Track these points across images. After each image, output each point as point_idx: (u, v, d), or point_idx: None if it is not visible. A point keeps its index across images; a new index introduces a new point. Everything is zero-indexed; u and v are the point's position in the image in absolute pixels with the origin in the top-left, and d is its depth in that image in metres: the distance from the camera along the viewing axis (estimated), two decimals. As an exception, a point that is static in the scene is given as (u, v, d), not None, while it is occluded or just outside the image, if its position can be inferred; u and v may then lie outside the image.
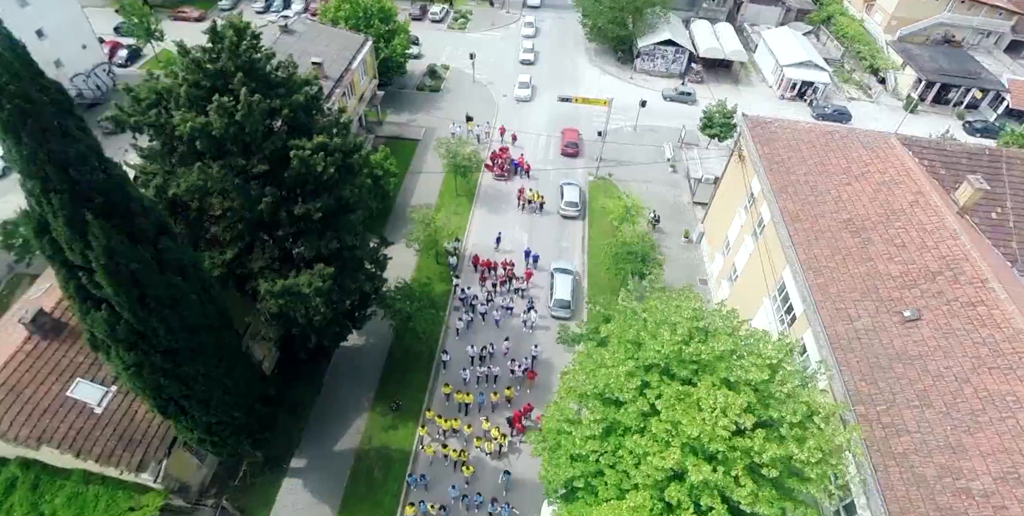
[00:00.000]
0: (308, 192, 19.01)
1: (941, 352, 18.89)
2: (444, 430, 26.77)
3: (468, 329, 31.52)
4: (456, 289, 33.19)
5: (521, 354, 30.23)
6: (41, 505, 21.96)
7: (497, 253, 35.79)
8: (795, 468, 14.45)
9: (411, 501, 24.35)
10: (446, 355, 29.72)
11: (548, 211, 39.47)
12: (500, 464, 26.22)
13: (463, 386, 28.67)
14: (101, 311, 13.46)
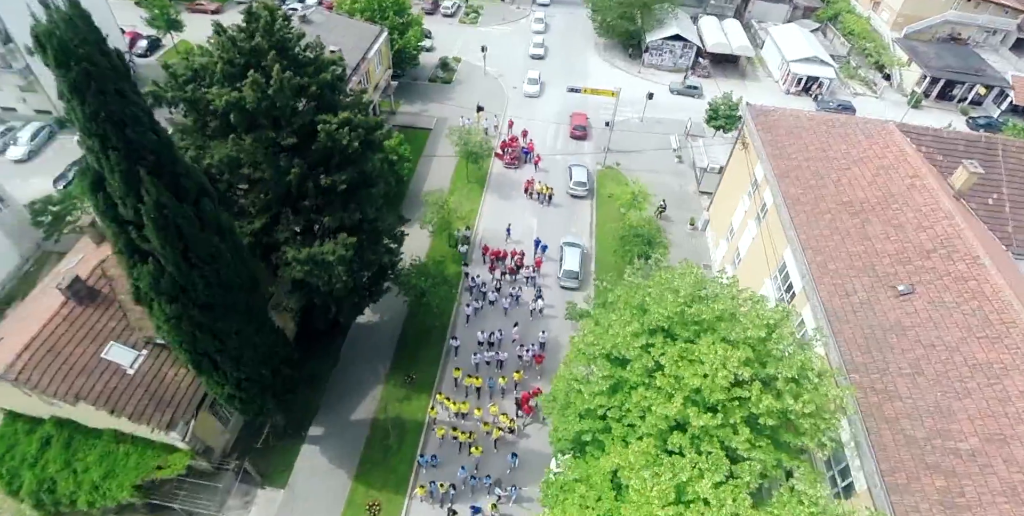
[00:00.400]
0: (333, 165, 20.12)
1: (933, 323, 19.83)
2: (454, 413, 27.47)
3: (477, 316, 32.10)
4: (466, 277, 33.98)
5: (529, 340, 30.72)
6: (74, 462, 23.19)
7: (508, 244, 36.30)
8: (789, 422, 15.48)
9: (421, 483, 24.96)
10: (455, 341, 30.25)
11: (557, 203, 40.14)
12: (508, 447, 26.68)
13: (473, 370, 29.14)
14: (147, 264, 14.59)
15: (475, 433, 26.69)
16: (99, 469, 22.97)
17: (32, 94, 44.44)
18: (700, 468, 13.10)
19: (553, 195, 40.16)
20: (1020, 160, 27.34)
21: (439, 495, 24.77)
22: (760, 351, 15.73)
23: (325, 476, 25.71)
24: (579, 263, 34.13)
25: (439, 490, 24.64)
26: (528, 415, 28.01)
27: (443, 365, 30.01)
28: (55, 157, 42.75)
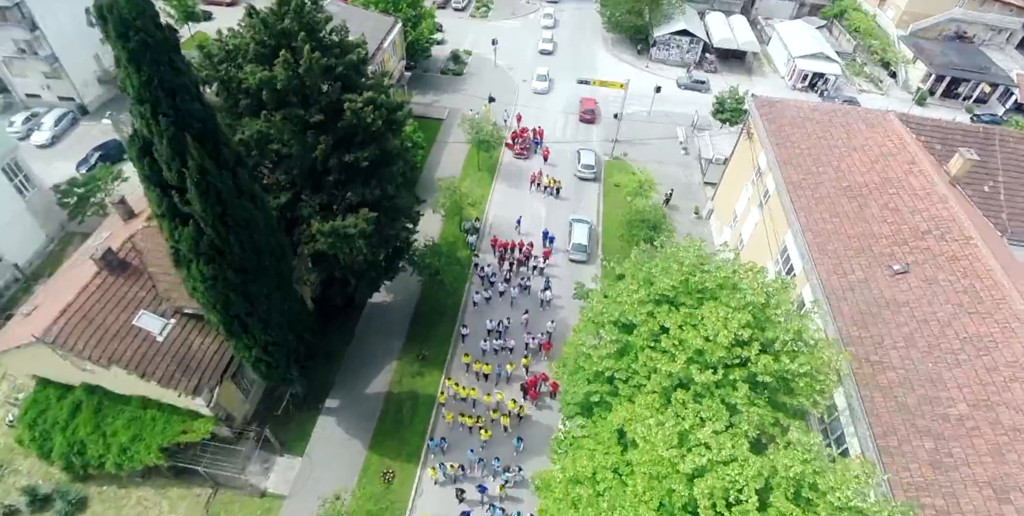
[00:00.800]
0: (357, 143, 21.18)
1: (926, 300, 20.77)
2: (463, 398, 28.18)
3: (487, 305, 32.61)
4: (476, 267, 34.62)
5: (537, 329, 31.32)
6: (103, 426, 24.33)
7: (518, 235, 36.83)
8: (786, 383, 16.47)
9: (432, 466, 25.56)
10: (465, 329, 30.84)
11: (564, 196, 40.68)
12: (515, 431, 27.22)
13: (481, 357, 29.73)
14: (188, 227, 15.67)
15: (483, 417, 27.31)
16: (127, 433, 24.11)
17: (56, 81, 45.65)
18: (701, 417, 14.09)
19: (561, 188, 40.85)
20: (1016, 150, 28.19)
21: (449, 476, 25.41)
22: (759, 317, 16.70)
23: (341, 445, 26.80)
24: (587, 237, 35.93)
25: (449, 471, 25.30)
26: (534, 400, 28.67)
27: (454, 344, 31.06)
28: (78, 143, 43.99)
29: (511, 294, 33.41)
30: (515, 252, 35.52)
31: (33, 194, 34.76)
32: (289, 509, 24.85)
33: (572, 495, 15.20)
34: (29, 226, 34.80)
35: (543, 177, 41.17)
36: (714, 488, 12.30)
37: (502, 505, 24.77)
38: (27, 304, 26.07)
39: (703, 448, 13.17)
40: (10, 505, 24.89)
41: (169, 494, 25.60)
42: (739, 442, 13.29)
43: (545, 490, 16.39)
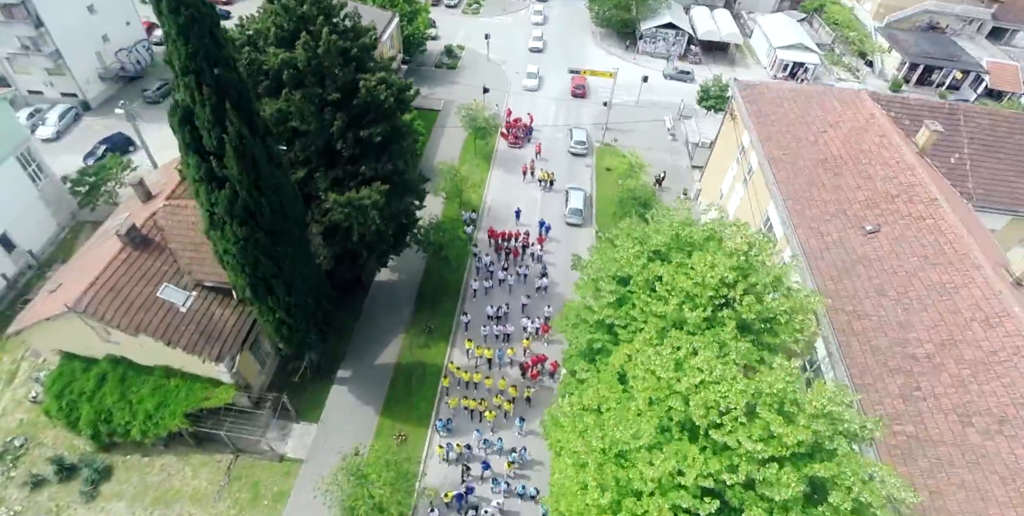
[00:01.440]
0: (369, 120, 22.72)
1: (895, 255, 22.61)
2: (465, 382, 29.12)
3: (486, 294, 33.56)
4: (474, 257, 35.48)
5: (535, 314, 32.30)
6: (129, 395, 25.57)
7: (519, 226, 37.64)
8: (768, 324, 18.21)
9: (439, 444, 26.63)
10: (466, 317, 31.66)
11: (557, 189, 41.60)
12: (516, 413, 28.03)
13: (483, 342, 30.60)
14: (224, 190, 17.12)
15: (485, 400, 28.18)
16: (152, 400, 25.38)
17: (59, 78, 46.73)
18: (694, 348, 15.75)
19: (554, 181, 41.74)
20: (980, 124, 30.24)
21: (455, 456, 26.44)
22: (743, 265, 18.43)
23: (354, 412, 28.25)
24: (582, 202, 38.88)
25: (455, 450, 26.38)
26: (535, 380, 29.68)
27: (458, 317, 32.55)
28: (82, 137, 45.10)
29: (509, 282, 34.26)
30: (512, 241, 36.38)
31: (45, 183, 35.91)
32: (307, 472, 26.25)
33: (580, 426, 16.80)
34: (42, 214, 35.92)
35: (538, 171, 42.37)
36: (707, 400, 13.94)
37: (507, 480, 25.57)
38: (51, 282, 27.34)
39: (696, 371, 14.81)
40: (37, 474, 26.07)
41: (191, 461, 26.90)
42: (729, 367, 14.95)
43: (554, 425, 17.97)
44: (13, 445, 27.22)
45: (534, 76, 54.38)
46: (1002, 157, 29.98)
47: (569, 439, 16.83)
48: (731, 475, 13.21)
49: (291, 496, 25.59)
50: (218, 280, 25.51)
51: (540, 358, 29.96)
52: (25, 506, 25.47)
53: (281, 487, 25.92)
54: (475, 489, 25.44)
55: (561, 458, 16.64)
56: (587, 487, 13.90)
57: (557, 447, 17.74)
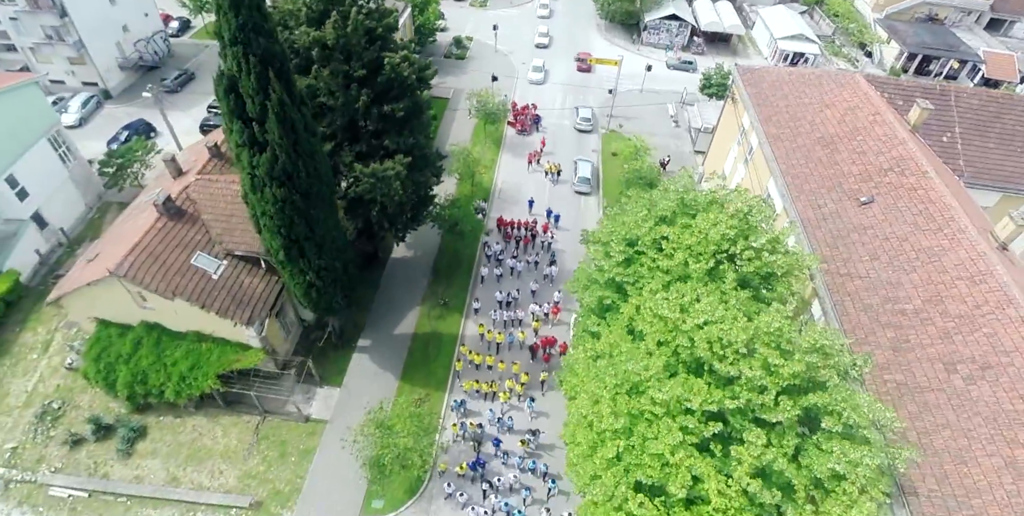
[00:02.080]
0: (393, 96, 24.17)
1: (888, 222, 24.03)
2: (477, 365, 30.16)
3: (496, 281, 34.32)
4: (485, 246, 36.29)
5: (544, 299, 33.35)
6: (163, 357, 27.07)
7: (530, 216, 38.44)
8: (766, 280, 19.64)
9: (454, 422, 27.65)
10: (477, 303, 32.71)
11: (563, 180, 42.62)
12: (526, 395, 29.16)
13: (493, 327, 31.68)
14: (265, 154, 18.58)
15: (496, 382, 29.21)
16: (185, 362, 26.86)
17: (80, 67, 48.24)
18: (698, 294, 17.19)
19: (561, 171, 42.75)
20: (971, 104, 31.59)
21: (470, 434, 27.45)
22: (743, 225, 19.86)
23: (375, 377, 29.75)
24: (590, 172, 41.27)
25: (469, 429, 27.42)
26: (546, 362, 30.44)
27: (471, 291, 34.02)
28: (104, 124, 46.61)
29: (518, 269, 35.06)
30: (521, 230, 37.03)
31: (74, 165, 37.45)
32: (331, 431, 27.77)
33: (593, 371, 18.25)
34: (71, 195, 37.46)
35: (545, 163, 43.08)
36: (711, 337, 15.37)
37: (520, 457, 26.59)
38: (88, 252, 28.87)
39: (700, 313, 16.23)
40: (76, 433, 27.60)
41: (221, 421, 28.42)
42: (730, 310, 16.39)
43: (569, 372, 19.42)
44: (51, 408, 28.73)
45: (540, 70, 55.66)
46: (992, 136, 31.33)
47: (584, 383, 18.29)
48: (733, 401, 14.64)
49: (316, 453, 27.11)
50: (247, 249, 27.04)
51: (550, 340, 30.69)
52: (65, 463, 26.99)
53: (307, 445, 27.43)
54: (487, 463, 26.38)
55: (576, 400, 18.08)
56: (602, 416, 15.32)
57: (572, 392, 19.19)
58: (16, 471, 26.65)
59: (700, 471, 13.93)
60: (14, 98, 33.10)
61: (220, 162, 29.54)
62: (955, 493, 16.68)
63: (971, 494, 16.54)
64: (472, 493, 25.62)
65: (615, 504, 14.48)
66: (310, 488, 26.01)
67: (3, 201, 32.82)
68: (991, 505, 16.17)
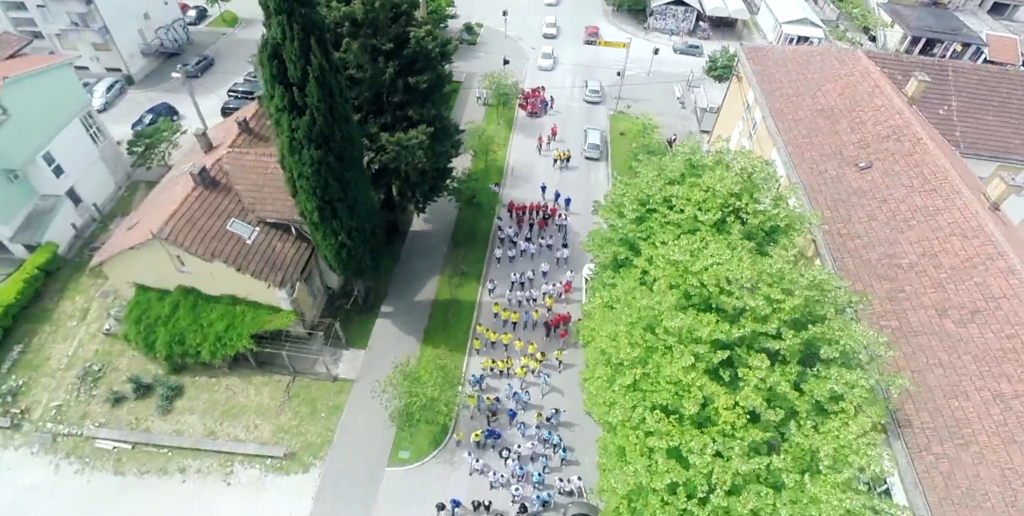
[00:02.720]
0: (418, 69, 25.62)
1: (885, 186, 25.39)
2: (493, 343, 31.10)
3: (510, 262, 35.42)
4: (499, 230, 37.17)
5: (556, 280, 34.27)
6: (200, 319, 28.69)
7: (544, 201, 38.90)
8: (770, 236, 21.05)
9: (470, 394, 28.68)
10: (492, 283, 33.54)
11: (572, 166, 43.52)
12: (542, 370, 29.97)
13: (508, 306, 32.57)
14: (304, 117, 20.07)
15: (511, 359, 30.14)
16: (221, 323, 28.46)
17: (105, 53, 49.84)
18: (706, 241, 18.63)
19: (570, 158, 43.55)
20: (968, 79, 32.83)
21: (486, 407, 28.28)
22: (747, 184, 21.27)
23: (398, 341, 31.33)
24: (599, 139, 43.92)
25: (486, 403, 28.30)
26: (562, 339, 31.33)
27: (487, 261, 35.53)
28: (128, 108, 48.21)
29: (531, 251, 35.86)
30: (534, 214, 37.91)
31: (104, 144, 39.06)
32: (358, 389, 29.38)
33: (610, 315, 19.73)
34: (102, 173, 39.08)
35: (553, 150, 43.85)
36: (718, 275, 16.83)
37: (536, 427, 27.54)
38: (127, 220, 30.52)
39: (708, 257, 17.68)
40: (117, 392, 29.29)
41: (253, 381, 30.05)
42: (736, 254, 17.83)
43: (586, 319, 20.90)
44: (92, 370, 30.40)
45: (548, 56, 56.91)
46: (988, 109, 32.57)
47: (600, 327, 19.78)
48: (739, 330, 16.11)
49: (345, 409, 28.72)
50: (278, 217, 28.62)
51: (565, 317, 31.67)
52: (107, 419, 28.68)
53: (335, 402, 29.05)
54: (501, 435, 27.38)
55: (594, 340, 19.57)
56: (619, 347, 16.81)
57: (589, 337, 20.69)
58: (63, 426, 28.35)
59: (710, 391, 15.39)
60: (50, 79, 34.68)
61: (249, 137, 31.04)
62: (947, 424, 18.13)
63: (962, 424, 17.98)
64: (489, 461, 26.48)
65: (633, 424, 15.97)
66: (340, 440, 27.64)
67: (41, 177, 34.45)
68: (980, 433, 17.62)
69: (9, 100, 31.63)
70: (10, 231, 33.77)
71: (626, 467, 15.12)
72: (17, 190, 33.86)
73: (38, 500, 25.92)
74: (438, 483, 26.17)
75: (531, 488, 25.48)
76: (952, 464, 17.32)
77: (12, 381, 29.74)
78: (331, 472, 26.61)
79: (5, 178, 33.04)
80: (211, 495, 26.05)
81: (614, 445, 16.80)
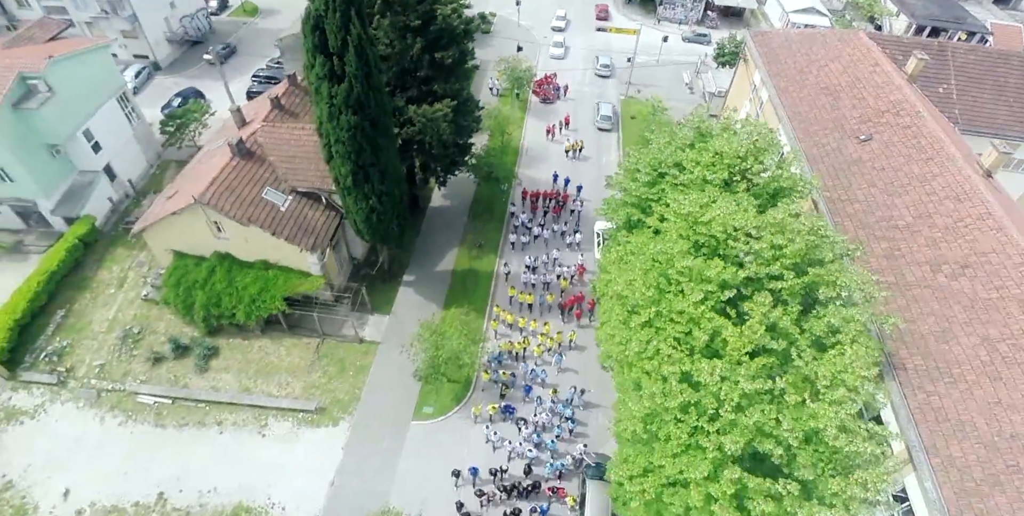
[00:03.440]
0: (443, 44, 27.30)
1: (884, 156, 26.83)
2: (509, 324, 32.24)
3: (523, 248, 36.65)
4: (512, 217, 38.53)
5: (570, 262, 35.64)
6: (235, 283, 30.46)
7: (555, 188, 40.04)
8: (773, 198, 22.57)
9: (486, 369, 29.98)
10: (506, 267, 34.82)
11: (585, 157, 44.81)
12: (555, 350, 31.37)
13: (523, 289, 33.86)
14: (343, 85, 21.74)
15: (528, 339, 31.41)
16: (255, 287, 30.24)
17: (132, 40, 51.72)
18: (713, 197, 20.17)
19: (583, 148, 44.70)
20: (967, 59, 34.16)
21: (501, 380, 29.53)
22: (751, 147, 22.79)
23: (420, 307, 33.04)
24: (611, 110, 47.02)
25: (501, 377, 29.68)
26: (578, 319, 32.89)
27: (504, 235, 37.19)
28: (156, 93, 50.13)
29: (544, 236, 37.11)
30: (548, 201, 39.10)
31: (138, 124, 40.93)
32: (383, 350, 31.14)
33: (624, 268, 21.32)
34: (135, 152, 40.96)
35: (566, 141, 44.85)
36: (725, 223, 18.40)
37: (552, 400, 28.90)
38: (166, 190, 32.33)
39: (716, 209, 19.24)
40: (157, 352, 31.12)
41: (284, 343, 31.83)
42: (743, 205, 19.38)
43: (602, 273, 22.48)
44: (132, 332, 32.26)
45: (560, 45, 58.53)
46: (986, 88, 33.90)
47: (615, 278, 21.38)
48: (744, 272, 17.68)
49: (371, 369, 30.49)
50: (310, 186, 30.38)
51: (579, 297, 33.00)
52: (148, 377, 30.52)
53: (362, 362, 30.80)
54: (516, 410, 28.70)
55: (608, 292, 21.16)
56: (635, 288, 18.42)
57: (604, 289, 22.29)
58: (107, 382, 30.21)
59: (717, 324, 16.97)
60: (89, 59, 36.52)
61: (281, 113, 32.78)
62: (937, 366, 19.63)
63: (951, 365, 19.47)
64: (504, 432, 27.72)
65: (648, 355, 17.56)
66: (367, 397, 29.38)
67: (80, 153, 36.32)
68: (968, 373, 19.10)
69: (54, 78, 33.45)
70: (51, 204, 35.67)
71: (642, 392, 16.72)
72: (58, 165, 35.78)
73: (85, 449, 27.78)
74: (459, 437, 27.87)
75: (547, 454, 27.01)
76: (943, 400, 18.83)
77: (57, 342, 31.63)
78: (360, 425, 28.35)
79: (48, 153, 35.00)
80: (247, 445, 27.83)
81: (630, 380, 18.39)
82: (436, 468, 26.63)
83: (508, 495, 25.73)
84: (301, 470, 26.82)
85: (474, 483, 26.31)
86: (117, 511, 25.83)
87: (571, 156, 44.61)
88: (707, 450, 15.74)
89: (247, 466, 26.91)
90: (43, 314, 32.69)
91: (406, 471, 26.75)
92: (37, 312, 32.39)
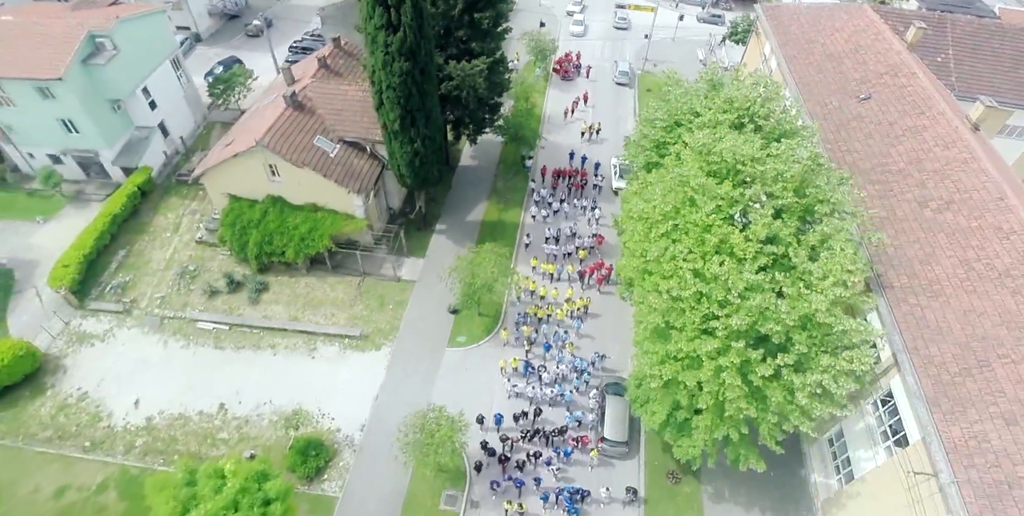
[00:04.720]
0: (480, 7, 30.19)
1: (881, 112, 29.53)
2: (532, 291, 33.38)
3: (544, 221, 37.78)
4: (532, 193, 39.81)
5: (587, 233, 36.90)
6: (286, 222, 33.45)
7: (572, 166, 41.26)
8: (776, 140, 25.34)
9: (505, 327, 31.79)
10: (528, 238, 36.32)
11: (602, 138, 45.19)
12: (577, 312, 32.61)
13: (545, 260, 35.16)
14: (398, 34, 24.61)
15: (552, 305, 32.91)
16: (304, 226, 33.16)
17: (177, 12, 54.62)
18: (723, 134, 22.98)
19: (600, 130, 45.31)
20: (964, 31, 36.69)
21: (523, 338, 31.12)
22: (758, 96, 25.54)
23: (452, 251, 35.88)
24: (628, 67, 51.32)
25: (524, 333, 31.19)
26: (599, 284, 34.24)
27: (528, 193, 40.07)
28: (197, 62, 52.89)
29: (564, 211, 38.49)
30: (568, 179, 40.32)
31: (187, 86, 43.96)
32: (419, 288, 34.12)
33: (645, 195, 24.19)
34: (184, 112, 44.01)
35: (583, 123, 45.75)
36: (734, 152, 21.22)
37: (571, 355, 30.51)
38: (223, 139, 35.36)
39: (727, 141, 22.05)
40: (212, 286, 34.19)
41: (328, 281, 34.84)
42: (750, 141, 22.20)
43: (624, 202, 25.32)
44: (188, 269, 35.34)
45: (580, 23, 61.13)
46: (982, 57, 36.42)
47: (637, 204, 24.24)
48: (751, 190, 20.54)
49: (409, 304, 33.46)
50: (355, 136, 33.32)
51: (599, 264, 34.34)
52: (205, 307, 33.60)
53: (400, 298, 33.79)
54: (535, 367, 30.14)
55: (632, 212, 24.04)
56: (655, 204, 21.33)
57: (628, 215, 25.15)
58: (168, 311, 33.34)
59: (726, 231, 19.84)
60: (148, 23, 39.50)
61: (327, 72, 35.71)
62: (921, 283, 22.38)
63: (933, 283, 22.21)
64: (524, 389, 29.11)
65: (666, 258, 20.44)
66: (405, 328, 32.37)
67: (139, 109, 39.40)
68: (948, 288, 21.84)
69: (119, 37, 36.44)
70: (112, 154, 38.81)
71: (661, 287, 19.65)
72: (118, 119, 38.90)
73: (152, 368, 30.84)
74: (492, 361, 30.77)
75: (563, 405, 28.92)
76: (924, 311, 21.61)
77: (120, 277, 34.76)
78: (400, 351, 31.36)
79: (111, 107, 38.09)
80: (299, 366, 30.88)
81: (650, 283, 21.28)
82: (471, 386, 29.64)
83: (531, 440, 27.25)
84: (348, 387, 29.85)
85: (498, 430, 27.63)
86: (183, 418, 28.91)
87: (586, 138, 44.97)
88: (717, 331, 18.64)
89: (299, 383, 29.95)
90: (106, 253, 35.79)
91: (442, 390, 29.74)
92: (102, 250, 35.52)
